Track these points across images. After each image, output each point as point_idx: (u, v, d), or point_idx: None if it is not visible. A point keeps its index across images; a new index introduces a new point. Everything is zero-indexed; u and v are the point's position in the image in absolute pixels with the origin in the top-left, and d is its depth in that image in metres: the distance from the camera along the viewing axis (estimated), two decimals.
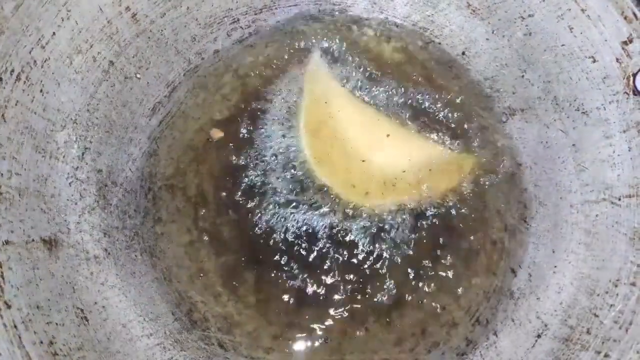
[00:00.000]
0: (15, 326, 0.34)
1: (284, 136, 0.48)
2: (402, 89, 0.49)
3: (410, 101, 0.49)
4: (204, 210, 0.46)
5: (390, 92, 0.48)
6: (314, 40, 0.50)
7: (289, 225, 0.45)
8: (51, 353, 0.35)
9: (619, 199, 0.41)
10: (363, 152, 0.47)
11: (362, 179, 0.46)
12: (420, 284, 0.45)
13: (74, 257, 0.40)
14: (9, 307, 0.34)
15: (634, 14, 0.39)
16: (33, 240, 0.38)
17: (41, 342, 0.35)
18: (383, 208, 0.45)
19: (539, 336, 0.41)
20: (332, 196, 0.45)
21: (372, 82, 0.49)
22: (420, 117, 0.48)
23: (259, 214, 0.46)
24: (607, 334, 0.38)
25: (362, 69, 0.49)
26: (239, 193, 0.46)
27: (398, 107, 0.48)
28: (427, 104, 0.48)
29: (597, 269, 0.41)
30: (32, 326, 0.35)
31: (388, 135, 0.46)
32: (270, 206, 0.45)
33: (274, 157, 0.47)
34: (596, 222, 0.42)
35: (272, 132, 0.48)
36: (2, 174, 0.37)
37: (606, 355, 0.37)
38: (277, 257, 0.45)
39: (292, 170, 0.46)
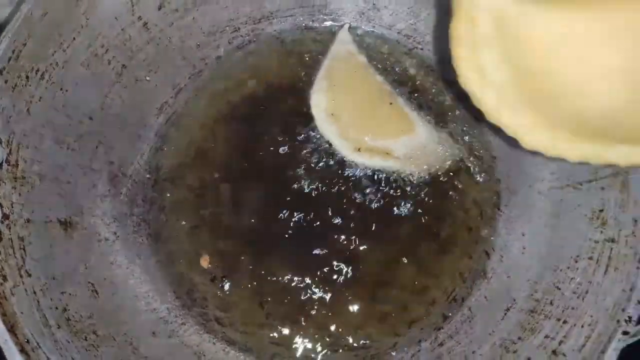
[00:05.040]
0: (35, 292, 0.39)
1: (281, 133, 0.52)
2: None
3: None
4: (205, 200, 0.51)
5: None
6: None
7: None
8: (65, 318, 0.39)
9: (581, 184, 0.45)
10: (360, 114, 0.51)
11: (354, 137, 0.50)
12: (403, 267, 0.49)
13: (87, 238, 0.45)
14: (29, 275, 0.39)
15: None
16: (51, 220, 0.43)
17: (56, 308, 0.39)
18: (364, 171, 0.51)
19: (508, 310, 0.45)
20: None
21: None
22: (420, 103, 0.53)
23: (257, 204, 0.50)
24: (567, 303, 0.42)
25: None
26: (238, 185, 0.51)
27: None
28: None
29: (560, 247, 0.45)
30: (49, 294, 0.39)
31: (391, 104, 0.51)
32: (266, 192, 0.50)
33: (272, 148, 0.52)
34: (561, 206, 0.46)
35: (268, 130, 0.53)
36: (25, 161, 0.42)
37: (565, 322, 0.41)
38: (271, 244, 0.49)
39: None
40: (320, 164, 0.51)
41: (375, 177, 0.51)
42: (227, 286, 0.48)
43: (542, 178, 0.48)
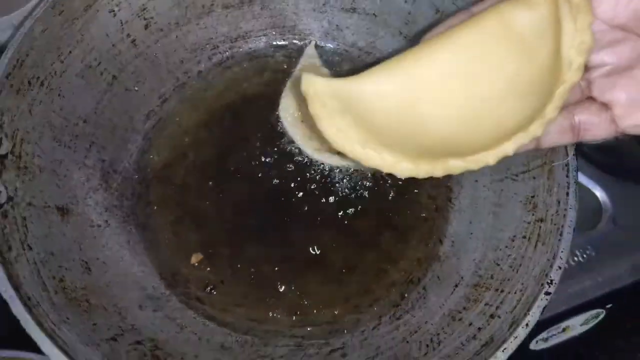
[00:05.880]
0: (35, 263, 0.44)
1: (255, 136, 0.59)
2: None
3: None
4: (188, 196, 0.57)
5: None
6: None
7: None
8: (62, 287, 0.44)
9: (517, 175, 0.51)
10: None
11: (317, 137, 0.56)
12: (367, 254, 0.55)
13: (81, 224, 0.50)
14: (30, 248, 0.44)
15: None
16: (49, 206, 0.48)
17: (54, 278, 0.44)
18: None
19: (456, 286, 0.50)
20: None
21: None
22: None
23: (234, 198, 0.56)
24: (504, 276, 0.47)
25: None
26: (218, 182, 0.57)
27: None
28: None
29: (500, 230, 0.51)
30: (47, 265, 0.44)
31: None
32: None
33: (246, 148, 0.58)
34: (501, 195, 0.53)
35: (244, 134, 0.59)
36: (27, 154, 0.48)
37: (502, 291, 0.46)
38: (248, 233, 0.55)
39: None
40: (289, 162, 0.57)
41: (338, 174, 0.57)
42: (208, 270, 0.53)
43: (485, 172, 0.54)
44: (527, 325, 0.41)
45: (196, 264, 0.54)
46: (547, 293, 0.43)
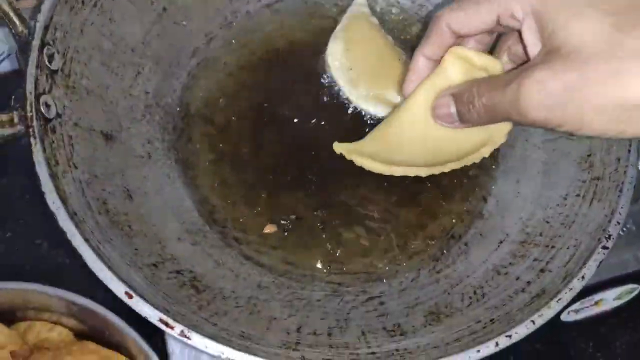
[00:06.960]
0: (80, 182, 0.43)
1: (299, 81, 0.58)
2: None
3: None
4: (228, 137, 0.56)
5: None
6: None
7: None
8: (105, 209, 0.44)
9: (572, 134, 0.50)
10: (371, 65, 0.57)
11: (364, 85, 0.55)
12: (407, 208, 0.54)
13: (124, 152, 0.49)
14: (76, 167, 0.43)
15: None
16: (94, 130, 0.47)
17: (97, 199, 0.44)
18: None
19: (501, 242, 0.49)
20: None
21: None
22: None
23: (275, 143, 0.55)
24: (555, 232, 0.46)
25: None
26: (259, 125, 0.56)
27: None
28: None
29: (551, 189, 0.49)
30: (92, 187, 0.44)
31: (399, 60, 0.57)
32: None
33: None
34: (553, 154, 0.51)
35: (287, 78, 0.58)
36: (76, 74, 0.47)
37: (552, 247, 0.45)
38: (287, 179, 0.54)
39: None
40: (332, 109, 0.56)
41: None
42: (245, 212, 0.52)
43: (538, 131, 0.53)
44: (583, 277, 0.40)
45: (270, 231, 0.52)
46: (605, 247, 0.41)
